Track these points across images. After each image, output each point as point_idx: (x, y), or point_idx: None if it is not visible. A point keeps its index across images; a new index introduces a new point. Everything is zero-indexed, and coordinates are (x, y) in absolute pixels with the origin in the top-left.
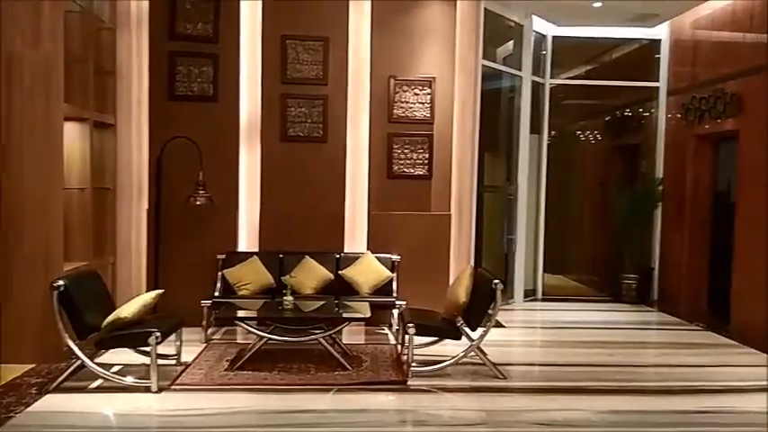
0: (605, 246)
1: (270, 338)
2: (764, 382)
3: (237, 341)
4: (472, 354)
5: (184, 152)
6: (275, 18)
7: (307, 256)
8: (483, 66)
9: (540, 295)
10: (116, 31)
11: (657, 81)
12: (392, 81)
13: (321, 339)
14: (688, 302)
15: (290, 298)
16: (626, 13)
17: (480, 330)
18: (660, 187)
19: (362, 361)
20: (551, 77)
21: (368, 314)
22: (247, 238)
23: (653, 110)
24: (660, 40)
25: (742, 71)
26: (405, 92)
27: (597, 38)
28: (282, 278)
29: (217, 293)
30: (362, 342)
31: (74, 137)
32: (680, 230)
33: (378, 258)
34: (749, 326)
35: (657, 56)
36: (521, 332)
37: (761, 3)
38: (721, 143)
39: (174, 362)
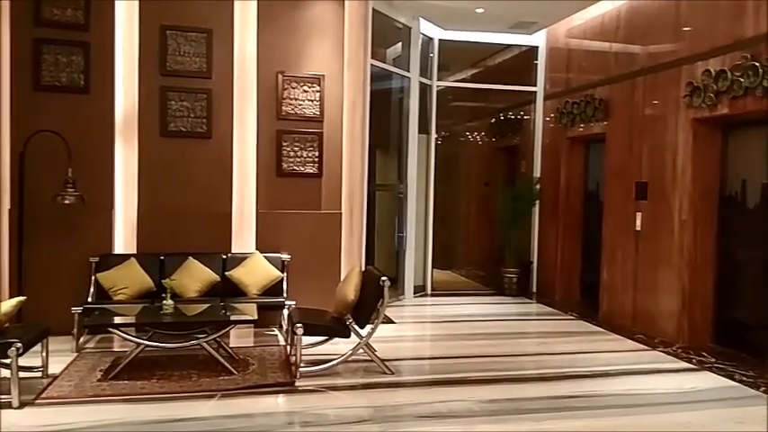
0: (490, 242)
1: (148, 345)
2: (629, 366)
3: (114, 349)
4: (361, 351)
5: (52, 147)
6: (154, 6)
7: (190, 258)
8: (372, 66)
9: (429, 291)
10: None
11: (535, 86)
12: (280, 77)
13: (204, 344)
14: (563, 294)
15: (170, 302)
16: (507, 20)
17: (369, 327)
18: (537, 186)
19: (249, 364)
20: (438, 80)
21: (255, 316)
22: (124, 239)
23: (531, 113)
24: (538, 47)
25: (609, 78)
26: (294, 88)
27: (481, 43)
28: (163, 281)
29: (90, 299)
30: (251, 345)
31: None
32: (555, 227)
33: (267, 258)
34: (615, 314)
35: (536, 62)
36: (410, 327)
37: (626, 15)
38: (591, 145)
39: (39, 374)
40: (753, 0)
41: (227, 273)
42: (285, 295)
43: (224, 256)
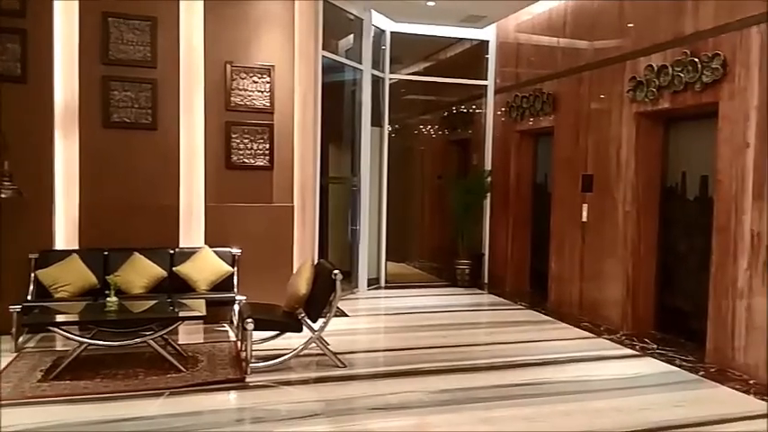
0: (443, 234)
1: (91, 344)
2: (575, 354)
3: (55, 349)
4: (314, 345)
5: None
6: None
7: (136, 253)
8: (324, 57)
9: (383, 283)
10: None
11: (486, 80)
12: (229, 67)
13: (151, 341)
14: (513, 284)
15: (114, 299)
16: (457, 14)
17: (321, 321)
18: (489, 179)
19: (198, 361)
20: (391, 72)
21: (203, 312)
22: (65, 234)
23: (483, 107)
24: (488, 41)
25: (556, 73)
26: (243, 79)
27: (433, 36)
28: (107, 277)
29: (30, 297)
30: (200, 341)
31: None
32: (506, 219)
33: (216, 253)
34: (563, 303)
35: (486, 56)
36: (364, 320)
37: (572, 11)
38: (540, 138)
39: None
40: None
41: (174, 268)
42: (235, 290)
43: (171, 251)
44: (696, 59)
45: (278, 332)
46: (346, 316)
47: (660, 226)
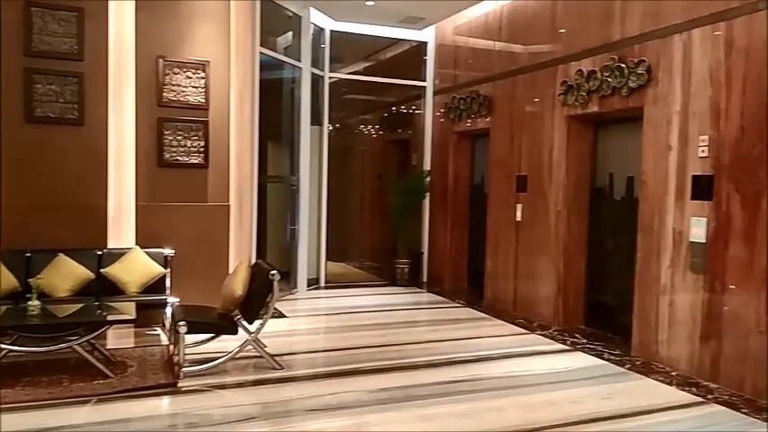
0: (383, 234)
1: (11, 350)
2: (510, 349)
3: None
4: (250, 347)
5: None
6: None
7: (61, 254)
8: (262, 54)
9: (323, 283)
10: None
11: (425, 81)
12: (161, 62)
13: (76, 346)
14: (451, 283)
15: (36, 302)
16: (396, 15)
17: (258, 323)
18: (428, 179)
19: (128, 366)
20: (331, 71)
21: (133, 315)
22: None
23: (422, 107)
24: (427, 42)
25: (492, 76)
26: (176, 74)
27: (373, 36)
28: (29, 280)
29: None
30: (131, 346)
31: None
32: (444, 218)
33: (148, 254)
34: (499, 300)
35: (425, 57)
36: (303, 321)
37: (508, 15)
38: (477, 140)
39: None
40: (620, 5)
41: (102, 270)
42: (168, 292)
43: (99, 252)
44: (623, 65)
45: (213, 335)
46: (285, 317)
47: (589, 225)
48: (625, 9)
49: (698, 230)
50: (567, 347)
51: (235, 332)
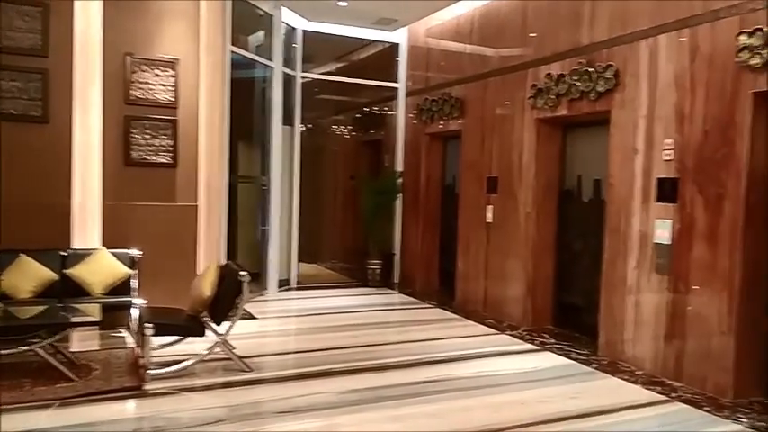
0: (355, 235)
1: None
2: (479, 350)
3: None
4: (219, 349)
5: None
6: None
7: (22, 255)
8: (233, 53)
9: (294, 284)
10: None
11: (398, 82)
12: (129, 59)
13: (38, 349)
14: (423, 283)
15: None
16: (369, 16)
17: (227, 324)
18: (400, 180)
19: (92, 369)
20: (303, 71)
21: (97, 317)
22: None
23: (395, 109)
24: (399, 44)
25: (464, 78)
26: (144, 72)
27: (346, 36)
28: None
29: None
30: (96, 348)
31: None
32: (416, 219)
33: (114, 254)
34: (469, 301)
35: (398, 59)
36: (273, 322)
37: (479, 19)
38: (449, 141)
39: None
40: (588, 11)
41: (66, 271)
42: (135, 294)
43: (63, 253)
44: (591, 69)
45: (180, 337)
46: (255, 318)
47: (558, 226)
48: (594, 14)
49: (663, 232)
50: (536, 347)
51: (203, 334)
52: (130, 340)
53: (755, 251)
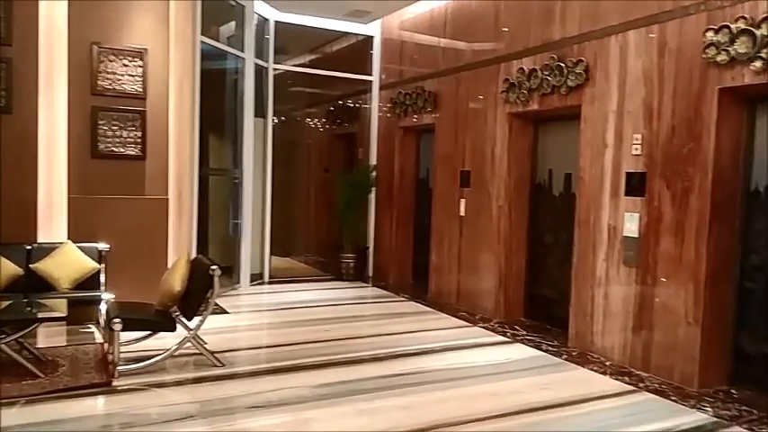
0: (329, 228)
1: None
2: (452, 342)
3: None
4: (189, 344)
5: None
6: None
7: None
8: (203, 43)
9: (267, 278)
10: None
11: (371, 75)
12: (96, 48)
13: (3, 345)
14: (396, 277)
15: None
16: (342, 7)
17: (197, 319)
18: (374, 174)
19: (59, 365)
20: (276, 63)
21: (64, 312)
22: None
23: (368, 102)
24: (373, 37)
25: (437, 72)
26: (112, 62)
27: (319, 28)
28: None
29: None
30: (63, 344)
31: None
32: (390, 213)
33: (81, 248)
34: (442, 294)
35: (371, 52)
36: (246, 317)
37: (452, 13)
38: (423, 135)
39: None
40: (560, 6)
41: (32, 265)
42: (103, 288)
43: (28, 247)
44: (562, 64)
45: (150, 332)
46: (227, 313)
47: (530, 220)
48: (565, 10)
49: (631, 225)
50: (508, 339)
51: (173, 329)
52: (99, 336)
53: (721, 244)
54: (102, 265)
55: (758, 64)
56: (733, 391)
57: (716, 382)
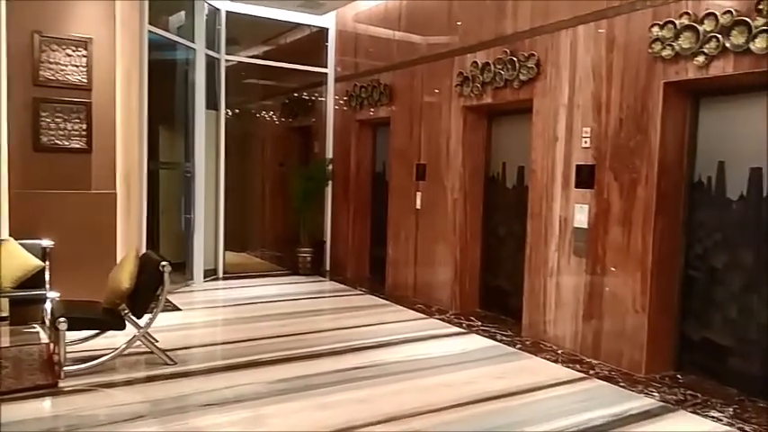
0: (285, 222)
1: None
2: (409, 334)
3: None
4: (139, 343)
5: None
6: None
7: None
8: (151, 33)
9: (221, 274)
10: None
11: (327, 68)
12: (37, 37)
13: None
14: (354, 271)
15: None
16: None
17: (147, 317)
18: (330, 167)
19: (2, 367)
20: (228, 54)
21: (5, 312)
22: None
23: (324, 94)
24: (328, 28)
25: (392, 65)
26: (54, 51)
27: (272, 19)
28: None
29: None
30: (5, 345)
31: None
32: (347, 207)
33: (23, 245)
34: (399, 287)
35: (326, 44)
36: (199, 313)
37: (407, 6)
38: (379, 128)
39: None
40: (512, 1)
41: None
42: (47, 287)
43: None
44: (515, 58)
45: (98, 331)
46: (179, 310)
47: (484, 212)
48: (517, 4)
49: (581, 217)
50: (463, 330)
51: (122, 327)
52: (44, 336)
53: (667, 234)
54: (47, 263)
55: (701, 59)
56: (679, 376)
57: (662, 367)
